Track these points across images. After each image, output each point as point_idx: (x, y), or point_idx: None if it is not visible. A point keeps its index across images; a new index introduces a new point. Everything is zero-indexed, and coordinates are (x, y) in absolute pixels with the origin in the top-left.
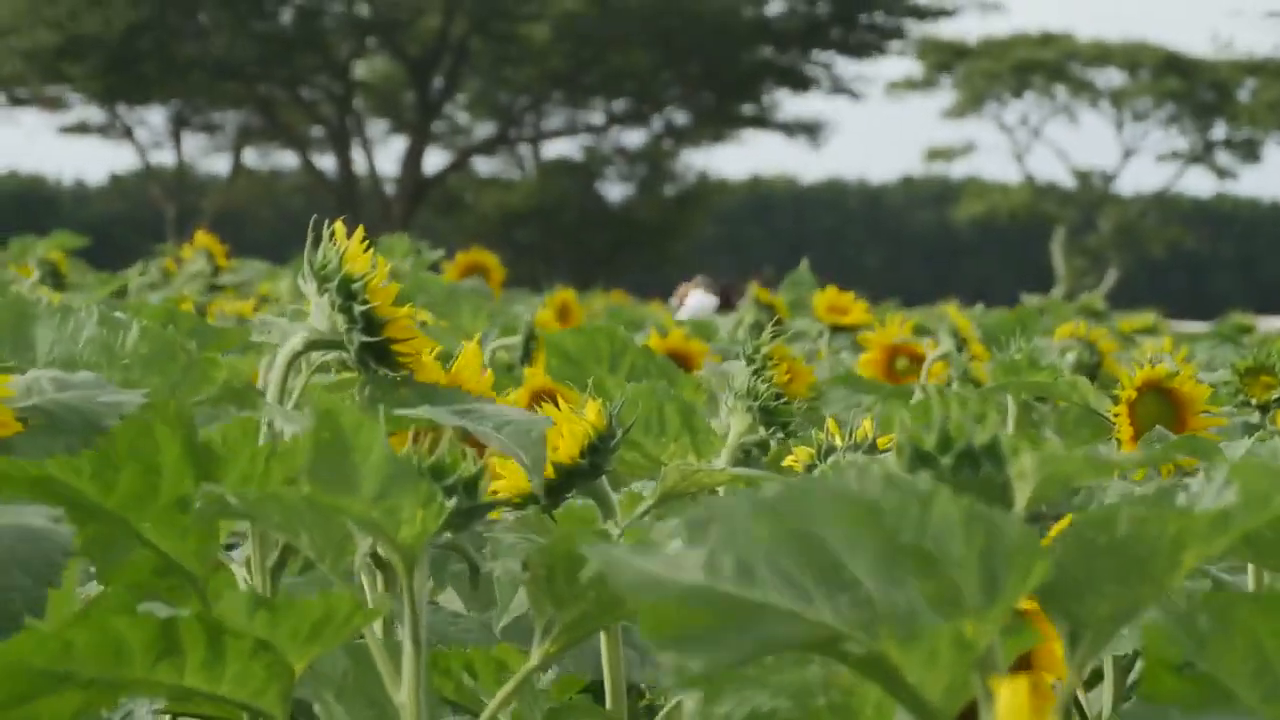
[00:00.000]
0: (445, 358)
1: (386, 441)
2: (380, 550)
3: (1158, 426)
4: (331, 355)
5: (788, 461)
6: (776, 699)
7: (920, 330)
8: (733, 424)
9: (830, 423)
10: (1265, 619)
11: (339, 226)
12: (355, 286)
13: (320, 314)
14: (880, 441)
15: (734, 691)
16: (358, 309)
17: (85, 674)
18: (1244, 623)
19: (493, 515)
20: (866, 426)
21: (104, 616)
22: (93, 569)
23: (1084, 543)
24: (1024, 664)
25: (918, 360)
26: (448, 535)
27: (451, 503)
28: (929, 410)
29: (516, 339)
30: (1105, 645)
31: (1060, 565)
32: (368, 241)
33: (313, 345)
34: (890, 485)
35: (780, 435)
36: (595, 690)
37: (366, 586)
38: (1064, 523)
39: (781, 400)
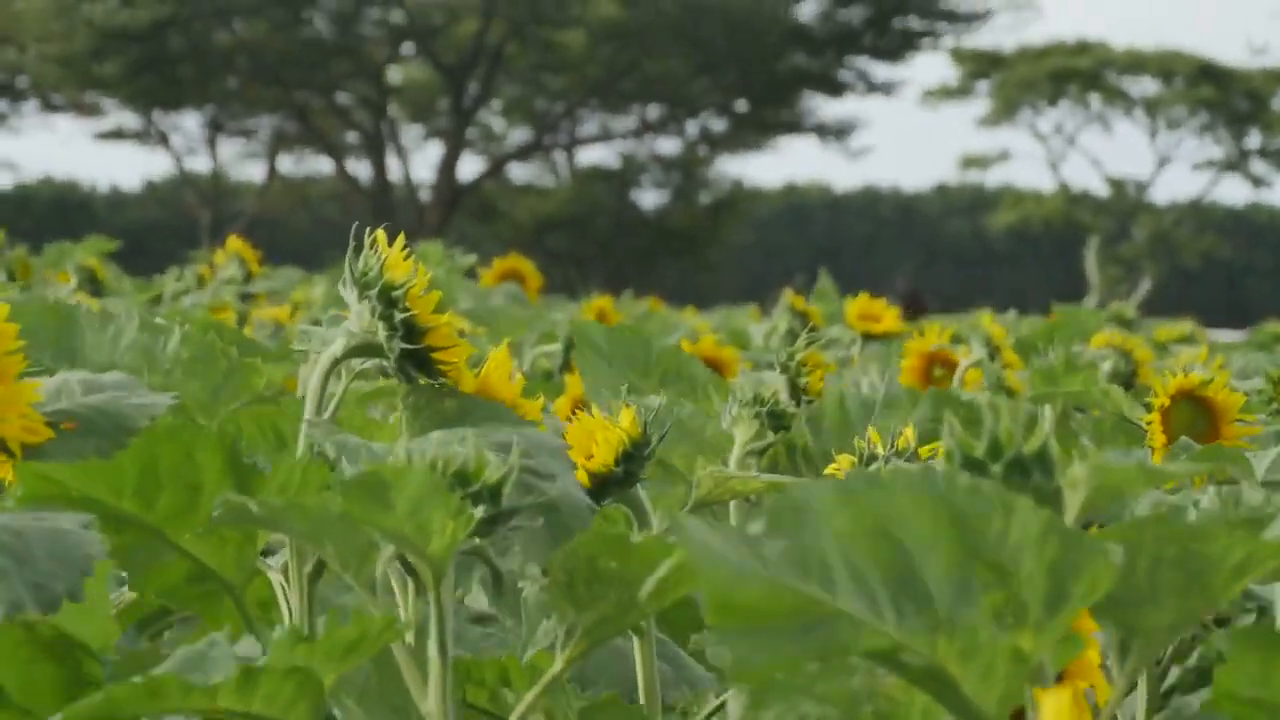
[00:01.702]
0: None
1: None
2: (409, 558)
3: (1185, 436)
4: (371, 362)
5: (829, 470)
6: (823, 706)
7: (957, 339)
8: (738, 432)
9: (871, 430)
10: None
11: (380, 234)
12: (396, 294)
13: (360, 321)
14: (921, 451)
15: (780, 698)
16: (398, 317)
17: (125, 713)
18: None
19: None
20: (908, 434)
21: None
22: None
23: (1148, 555)
24: (1059, 672)
25: (954, 368)
26: (473, 541)
27: (479, 511)
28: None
29: (556, 346)
30: (1155, 655)
31: (1121, 575)
32: (408, 249)
33: (353, 353)
34: (974, 492)
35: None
36: None
37: (397, 592)
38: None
39: (785, 404)
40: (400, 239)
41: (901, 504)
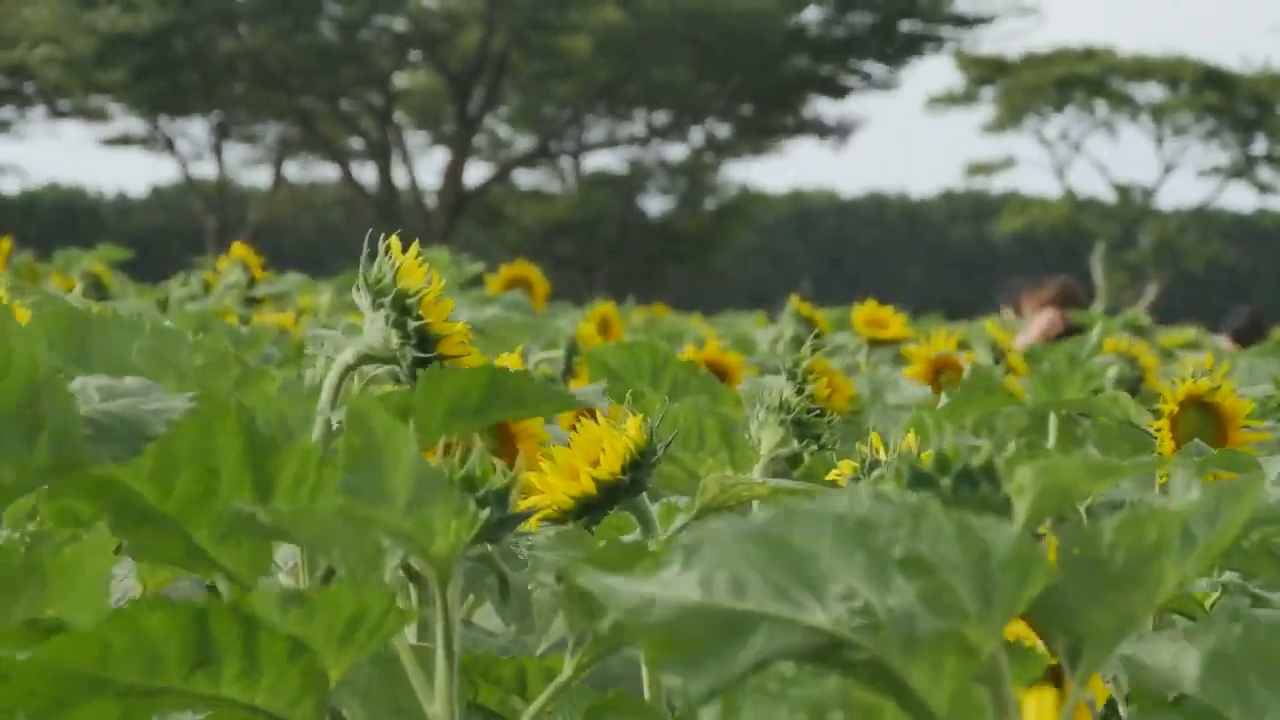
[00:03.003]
0: None
1: (417, 450)
2: (413, 564)
3: (1196, 440)
4: (383, 369)
5: (831, 476)
6: (795, 713)
7: (964, 345)
8: (764, 437)
9: (874, 436)
10: (1243, 650)
11: (394, 241)
12: (410, 302)
13: (374, 328)
14: (924, 456)
15: (752, 706)
16: (412, 324)
17: (122, 681)
18: (1228, 653)
19: (532, 528)
20: (909, 440)
21: (138, 613)
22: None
23: (1077, 556)
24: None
25: (960, 373)
26: (481, 548)
27: (484, 514)
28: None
29: (558, 352)
30: (1106, 659)
31: (1055, 580)
32: (421, 257)
33: (365, 359)
34: (880, 500)
35: (814, 448)
36: None
37: (400, 602)
38: None
39: (813, 413)
40: (414, 246)
41: (806, 526)
